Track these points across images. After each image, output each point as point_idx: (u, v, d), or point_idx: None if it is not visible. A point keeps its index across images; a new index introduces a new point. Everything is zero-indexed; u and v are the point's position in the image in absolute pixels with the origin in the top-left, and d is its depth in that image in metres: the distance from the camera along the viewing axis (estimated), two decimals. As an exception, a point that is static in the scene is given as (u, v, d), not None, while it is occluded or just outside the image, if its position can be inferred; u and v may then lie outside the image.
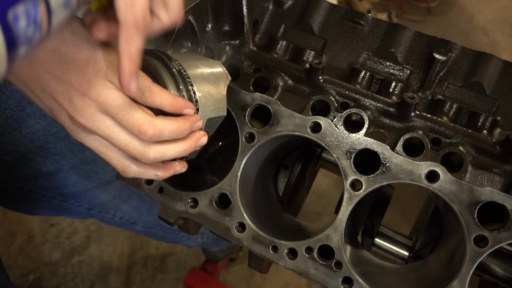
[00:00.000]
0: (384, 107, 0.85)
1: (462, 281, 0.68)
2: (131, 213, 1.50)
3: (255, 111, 0.79)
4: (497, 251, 0.68)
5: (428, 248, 0.96)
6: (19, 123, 1.08)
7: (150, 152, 0.65)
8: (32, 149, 1.13)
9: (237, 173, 0.79)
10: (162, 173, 0.71)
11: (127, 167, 0.68)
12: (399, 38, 0.91)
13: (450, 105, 0.85)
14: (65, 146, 1.18)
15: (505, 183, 0.78)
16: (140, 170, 0.69)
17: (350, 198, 0.73)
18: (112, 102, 0.60)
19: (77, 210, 1.35)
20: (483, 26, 3.87)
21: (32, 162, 1.15)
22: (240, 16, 0.91)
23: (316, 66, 0.84)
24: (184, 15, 0.78)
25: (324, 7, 0.96)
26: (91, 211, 1.38)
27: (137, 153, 0.64)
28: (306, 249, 0.76)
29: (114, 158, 0.67)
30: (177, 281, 2.44)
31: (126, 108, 0.61)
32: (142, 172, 0.69)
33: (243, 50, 0.94)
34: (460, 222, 0.68)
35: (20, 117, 1.08)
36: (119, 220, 1.49)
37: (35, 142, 1.13)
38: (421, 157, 0.79)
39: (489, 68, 0.86)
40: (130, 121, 0.61)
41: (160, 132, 0.63)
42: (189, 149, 0.69)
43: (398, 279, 0.89)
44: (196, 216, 0.83)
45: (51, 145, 1.16)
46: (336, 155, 0.74)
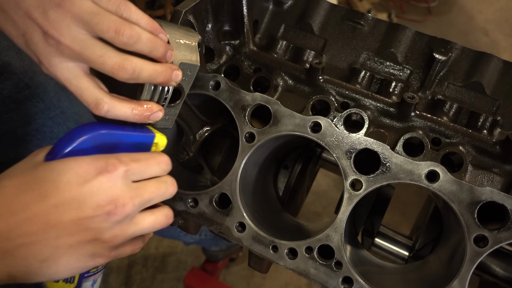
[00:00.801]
0: (384, 107, 0.85)
1: (462, 281, 0.68)
2: None
3: (255, 111, 0.79)
4: (497, 251, 0.68)
5: (428, 248, 0.96)
6: (16, 104, 1.08)
7: (128, 63, 0.62)
8: (29, 131, 1.13)
9: (237, 173, 0.79)
10: (139, 109, 0.66)
11: (100, 98, 0.63)
12: (399, 38, 0.91)
13: (450, 105, 0.85)
14: (62, 131, 1.18)
15: (505, 183, 0.78)
16: (114, 103, 0.64)
17: (350, 198, 0.73)
18: (86, 8, 0.60)
19: None
20: (483, 26, 3.87)
21: (29, 145, 1.15)
22: (240, 16, 0.91)
23: (316, 66, 0.84)
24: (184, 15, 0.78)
25: (324, 7, 0.96)
26: None
27: (114, 64, 0.61)
28: (306, 249, 0.76)
29: (86, 89, 0.63)
30: (177, 281, 2.44)
31: (101, 12, 0.60)
32: (117, 105, 0.64)
33: (243, 50, 0.94)
34: (460, 222, 0.68)
35: (18, 99, 1.08)
36: None
37: (32, 125, 1.13)
38: (421, 157, 0.79)
39: (489, 68, 0.86)
40: (106, 23, 0.60)
41: (138, 35, 0.62)
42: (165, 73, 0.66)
43: (398, 279, 0.89)
44: (196, 216, 0.83)
45: (49, 128, 1.16)
46: (336, 155, 0.74)
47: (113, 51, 0.62)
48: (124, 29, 0.61)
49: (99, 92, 0.63)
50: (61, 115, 1.18)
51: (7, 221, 0.57)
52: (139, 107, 0.66)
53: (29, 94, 1.09)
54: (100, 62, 0.61)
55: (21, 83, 1.07)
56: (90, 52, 0.60)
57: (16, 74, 1.05)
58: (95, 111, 0.63)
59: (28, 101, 1.10)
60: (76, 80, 0.63)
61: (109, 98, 0.64)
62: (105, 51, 0.61)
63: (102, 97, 0.63)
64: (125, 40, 0.61)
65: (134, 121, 0.67)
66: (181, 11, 0.77)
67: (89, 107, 0.64)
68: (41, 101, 1.12)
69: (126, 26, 0.61)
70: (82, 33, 0.60)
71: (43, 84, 1.12)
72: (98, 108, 0.63)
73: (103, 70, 0.62)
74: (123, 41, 0.61)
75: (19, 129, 1.11)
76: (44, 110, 1.13)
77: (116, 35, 0.60)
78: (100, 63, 0.61)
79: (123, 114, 0.65)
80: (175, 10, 0.77)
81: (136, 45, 0.63)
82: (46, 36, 0.60)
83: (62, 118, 1.18)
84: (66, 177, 0.60)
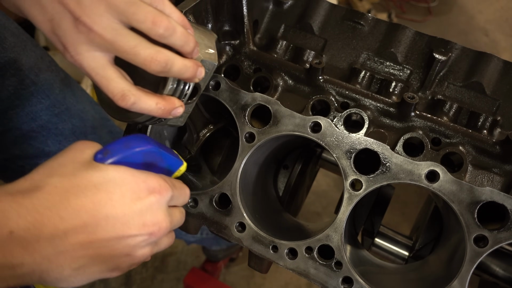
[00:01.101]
0: (384, 107, 0.85)
1: (462, 281, 0.68)
2: None
3: (255, 111, 0.79)
4: (497, 251, 0.68)
5: (428, 248, 0.96)
6: (22, 100, 1.08)
7: (161, 55, 0.60)
8: (34, 128, 1.13)
9: (237, 173, 0.79)
10: (162, 104, 0.64)
11: (127, 90, 0.61)
12: (399, 38, 0.91)
13: (450, 105, 0.85)
14: (67, 127, 1.19)
15: (505, 183, 0.78)
16: (140, 95, 0.62)
17: (350, 198, 0.73)
18: None
19: None
20: (483, 26, 3.87)
21: (34, 141, 1.15)
22: (240, 16, 0.91)
23: (316, 66, 0.84)
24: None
25: (324, 7, 0.96)
26: None
27: (147, 56, 0.60)
28: (306, 249, 0.76)
29: (112, 79, 0.61)
30: (177, 281, 2.44)
31: (137, 2, 0.59)
32: (143, 98, 0.63)
33: (243, 50, 0.94)
34: (460, 222, 0.68)
35: (23, 95, 1.07)
36: None
37: (38, 121, 1.13)
38: (421, 157, 0.79)
39: (489, 68, 0.86)
40: (142, 13, 0.58)
41: (174, 28, 0.60)
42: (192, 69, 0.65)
43: (398, 279, 0.89)
44: (196, 216, 0.83)
45: (53, 125, 1.16)
46: (336, 155, 0.74)
47: (147, 42, 0.61)
48: (162, 20, 0.60)
49: (126, 83, 0.62)
50: (66, 112, 1.18)
51: (56, 225, 0.55)
52: (163, 101, 0.65)
53: (34, 90, 1.09)
54: (133, 53, 0.60)
55: (26, 80, 1.07)
56: (124, 42, 0.59)
57: (22, 71, 1.05)
58: (121, 103, 0.62)
59: (34, 98, 1.10)
60: (102, 70, 0.61)
61: (135, 90, 0.62)
62: (138, 41, 0.60)
63: (129, 88, 0.62)
64: (161, 32, 0.60)
65: (156, 115, 0.66)
66: (181, 11, 0.77)
67: (114, 98, 0.62)
68: (46, 98, 1.12)
69: (163, 17, 0.60)
70: (115, 22, 0.59)
71: (48, 81, 1.13)
72: (125, 100, 0.61)
73: (134, 61, 0.60)
74: (159, 32, 0.60)
75: (24, 126, 1.12)
76: (49, 107, 1.13)
77: (152, 26, 0.59)
78: (133, 54, 0.60)
79: (147, 107, 0.64)
80: (175, 10, 0.77)
81: (171, 38, 0.61)
82: (77, 23, 0.58)
83: (67, 115, 1.18)
84: (121, 191, 0.59)
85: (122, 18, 0.59)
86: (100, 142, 1.33)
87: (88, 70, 0.61)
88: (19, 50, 1.04)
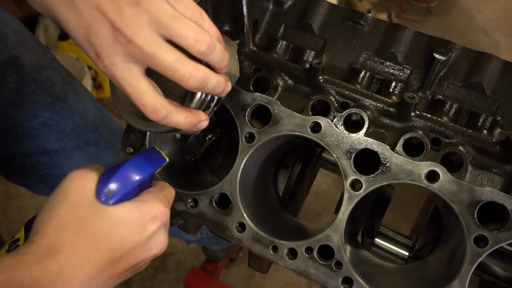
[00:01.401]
0: (384, 107, 0.85)
1: (462, 281, 0.68)
2: None
3: (255, 111, 0.79)
4: (497, 251, 0.68)
5: (428, 248, 0.96)
6: (23, 98, 1.08)
7: (200, 72, 0.60)
8: (35, 125, 1.13)
9: (237, 173, 0.79)
10: (191, 117, 0.65)
11: (160, 103, 0.61)
12: (399, 38, 0.91)
13: (450, 105, 0.85)
14: (68, 125, 1.19)
15: (505, 183, 0.78)
16: (171, 108, 0.62)
17: (350, 198, 0.73)
18: (166, 11, 0.57)
19: None
20: (483, 26, 3.87)
21: (35, 138, 1.15)
22: (240, 16, 0.91)
23: (316, 66, 0.84)
24: None
25: (324, 7, 0.96)
26: None
27: (186, 72, 0.59)
28: (306, 249, 0.76)
29: (145, 92, 0.60)
30: (177, 281, 2.44)
31: (180, 17, 0.58)
32: (174, 112, 0.62)
33: (243, 50, 0.94)
34: (460, 222, 0.68)
35: (25, 92, 1.07)
36: None
37: (39, 119, 1.13)
38: (421, 157, 0.79)
39: (489, 68, 0.86)
40: (185, 29, 0.58)
41: (214, 45, 0.60)
42: (223, 86, 0.66)
43: (398, 279, 0.89)
44: (196, 216, 0.83)
45: (55, 123, 1.16)
46: (336, 155, 0.74)
47: (186, 58, 0.60)
48: (204, 38, 0.59)
49: (158, 97, 0.62)
50: (67, 109, 1.18)
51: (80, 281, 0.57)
52: (191, 115, 0.65)
53: (36, 87, 1.09)
54: (172, 69, 0.59)
55: (28, 77, 1.07)
56: (163, 56, 0.58)
57: (23, 68, 1.05)
58: (152, 116, 0.61)
59: (35, 95, 1.10)
60: (136, 82, 0.60)
61: (167, 104, 0.62)
62: (178, 57, 0.59)
63: (161, 102, 0.61)
64: (203, 49, 0.60)
65: (184, 129, 0.66)
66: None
67: (145, 111, 0.61)
68: (48, 95, 1.12)
69: (206, 35, 0.59)
70: (155, 35, 0.58)
71: (50, 78, 1.13)
72: (156, 114, 0.61)
73: (172, 77, 0.60)
74: (201, 50, 0.60)
75: (25, 123, 1.12)
76: (51, 104, 1.13)
77: (195, 43, 0.59)
78: (172, 70, 0.59)
79: (177, 121, 0.64)
80: (175, 10, 0.77)
81: (211, 55, 0.61)
82: (116, 33, 0.57)
83: (68, 113, 1.18)
84: (129, 229, 0.62)
85: (163, 31, 0.58)
86: (101, 140, 1.32)
87: (121, 81, 0.60)
88: (20, 48, 1.04)
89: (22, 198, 2.77)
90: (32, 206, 2.82)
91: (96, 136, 1.27)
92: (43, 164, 1.22)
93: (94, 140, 1.26)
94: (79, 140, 1.22)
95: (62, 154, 1.22)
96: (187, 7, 0.61)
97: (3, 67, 1.01)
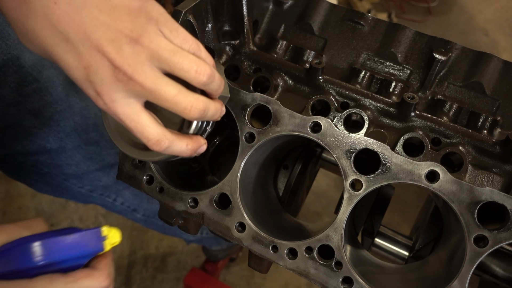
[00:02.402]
0: (384, 107, 0.85)
1: (462, 281, 0.68)
2: (132, 200, 1.49)
3: (255, 111, 0.79)
4: (497, 251, 0.68)
5: (428, 248, 0.96)
6: (24, 97, 1.08)
7: (200, 102, 0.61)
8: (36, 124, 1.13)
9: (237, 173, 0.79)
10: (191, 144, 0.66)
11: (163, 135, 0.62)
12: (399, 38, 0.91)
13: (450, 105, 0.85)
14: (69, 125, 1.19)
15: (505, 183, 0.78)
16: (173, 138, 0.63)
17: (350, 198, 0.73)
18: (165, 46, 0.59)
19: (79, 191, 1.35)
20: (483, 26, 3.87)
21: (35, 138, 1.15)
22: (240, 16, 0.91)
23: (316, 66, 0.84)
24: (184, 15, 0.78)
25: (324, 7, 0.96)
26: (92, 193, 1.38)
27: (187, 104, 0.60)
28: (306, 249, 0.76)
29: (147, 125, 0.61)
30: (177, 281, 2.44)
31: (180, 51, 0.60)
32: (176, 141, 0.64)
33: (243, 50, 0.94)
34: (460, 222, 0.68)
35: (26, 92, 1.07)
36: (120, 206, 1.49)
37: (39, 118, 1.13)
38: (421, 157, 0.79)
39: (489, 68, 0.86)
40: (186, 62, 0.60)
41: (214, 75, 0.62)
42: (220, 111, 0.67)
43: (398, 279, 0.89)
44: (196, 216, 0.83)
45: (55, 122, 1.16)
46: (336, 155, 0.74)
47: (186, 90, 0.61)
48: (205, 69, 0.61)
49: (160, 128, 0.63)
50: (68, 109, 1.18)
51: None
52: (192, 142, 0.67)
53: (37, 87, 1.09)
54: (173, 102, 0.60)
55: (29, 77, 1.07)
56: (164, 90, 0.59)
57: (24, 68, 1.05)
58: (155, 147, 0.62)
59: (36, 95, 1.10)
60: (137, 116, 0.61)
61: (169, 134, 0.63)
62: (178, 89, 0.60)
63: (164, 133, 0.62)
64: (204, 80, 0.61)
65: (185, 155, 0.67)
66: (181, 11, 0.77)
67: (148, 143, 0.62)
68: (49, 95, 1.12)
69: (206, 66, 0.61)
70: (155, 70, 0.59)
71: (51, 78, 1.13)
72: (160, 145, 0.62)
73: (174, 109, 0.61)
74: (203, 81, 0.61)
75: (26, 122, 1.12)
76: (52, 104, 1.14)
77: (196, 75, 0.60)
78: (174, 103, 0.60)
79: (179, 149, 0.65)
80: (175, 10, 0.77)
81: (211, 85, 0.63)
82: (116, 71, 0.58)
83: (69, 113, 1.18)
84: None
85: (163, 66, 0.59)
86: (102, 140, 1.32)
87: (122, 116, 0.61)
88: (22, 47, 1.04)
89: (22, 198, 2.77)
90: (32, 206, 2.82)
91: (97, 136, 1.27)
92: (43, 163, 1.22)
93: (95, 139, 1.26)
94: (79, 139, 1.23)
95: (62, 154, 1.22)
96: (185, 40, 0.62)
97: (4, 67, 1.01)
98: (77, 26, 0.57)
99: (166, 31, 0.60)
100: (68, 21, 0.57)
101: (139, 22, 0.58)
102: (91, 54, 0.57)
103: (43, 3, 0.56)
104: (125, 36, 0.57)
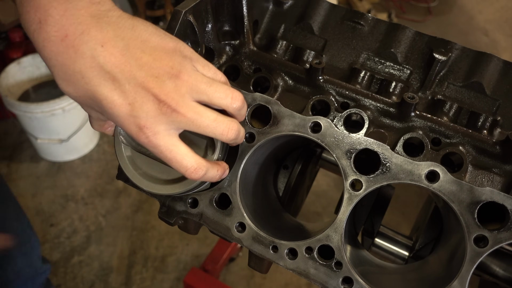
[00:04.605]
0: (384, 107, 0.85)
1: (462, 281, 0.68)
2: None
3: (255, 111, 0.79)
4: (497, 251, 0.68)
5: (428, 248, 0.96)
6: None
7: (235, 125, 0.67)
8: None
9: (237, 173, 0.79)
10: (220, 170, 0.72)
11: (200, 163, 0.67)
12: (399, 38, 0.91)
13: (450, 105, 0.85)
14: None
15: (505, 183, 0.78)
16: (208, 165, 0.68)
17: (350, 198, 0.73)
18: (202, 79, 0.65)
19: None
20: (483, 26, 3.87)
21: None
22: (240, 16, 0.91)
23: (316, 66, 0.84)
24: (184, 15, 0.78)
25: (324, 7, 0.96)
26: None
27: (225, 128, 0.66)
28: (306, 249, 0.76)
29: (186, 155, 0.66)
30: (177, 281, 2.45)
31: (215, 82, 0.66)
32: (210, 168, 0.69)
33: (243, 50, 0.94)
34: (460, 222, 0.68)
35: None
36: None
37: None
38: (421, 157, 0.79)
39: (489, 68, 0.86)
40: (222, 90, 0.66)
41: (243, 99, 0.69)
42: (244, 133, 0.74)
43: (398, 279, 0.89)
44: (196, 216, 0.83)
45: None
46: (336, 155, 0.74)
47: (222, 115, 0.67)
48: (238, 95, 0.68)
49: (197, 157, 0.67)
50: None
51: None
52: (220, 168, 0.72)
53: None
54: (213, 127, 0.65)
55: None
56: (204, 118, 0.64)
57: None
58: (193, 176, 0.66)
59: None
60: (176, 147, 0.65)
61: (205, 162, 0.68)
62: (215, 115, 0.66)
63: (201, 162, 0.67)
64: (238, 105, 0.68)
65: (215, 181, 0.73)
66: (181, 11, 0.77)
67: (186, 172, 0.66)
68: None
69: (238, 93, 0.68)
70: (194, 101, 0.64)
71: None
72: (198, 173, 0.66)
73: (214, 134, 0.66)
74: (238, 106, 0.68)
75: None
76: None
77: (232, 101, 0.67)
78: (213, 128, 0.65)
79: (213, 176, 0.70)
80: (175, 10, 0.77)
81: (242, 109, 0.70)
82: (161, 105, 0.62)
83: None
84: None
85: (202, 97, 0.65)
86: None
87: (163, 148, 0.64)
88: None
89: (22, 198, 2.77)
90: (32, 206, 2.82)
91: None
92: None
93: None
94: None
95: None
96: (216, 73, 0.70)
97: None
98: (123, 66, 0.61)
99: (199, 67, 0.67)
100: (115, 61, 0.61)
101: (176, 60, 0.64)
102: (136, 90, 0.61)
103: (90, 46, 0.60)
104: (167, 73, 0.62)
